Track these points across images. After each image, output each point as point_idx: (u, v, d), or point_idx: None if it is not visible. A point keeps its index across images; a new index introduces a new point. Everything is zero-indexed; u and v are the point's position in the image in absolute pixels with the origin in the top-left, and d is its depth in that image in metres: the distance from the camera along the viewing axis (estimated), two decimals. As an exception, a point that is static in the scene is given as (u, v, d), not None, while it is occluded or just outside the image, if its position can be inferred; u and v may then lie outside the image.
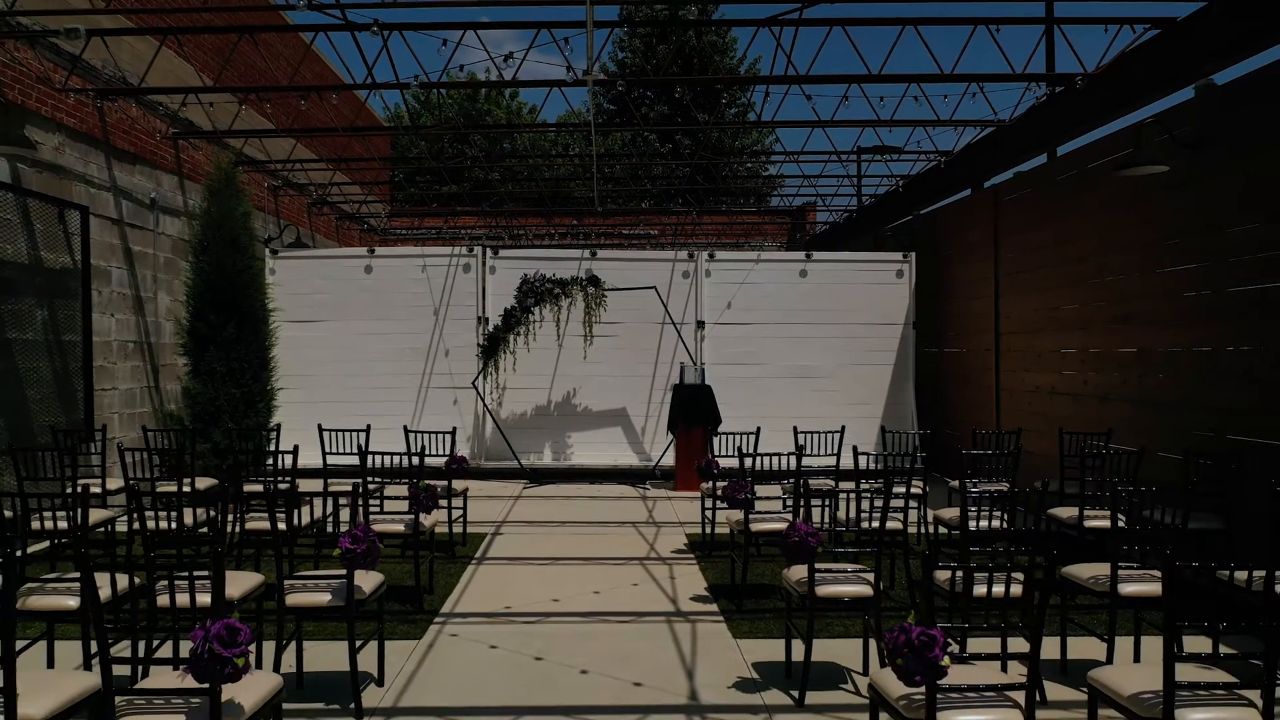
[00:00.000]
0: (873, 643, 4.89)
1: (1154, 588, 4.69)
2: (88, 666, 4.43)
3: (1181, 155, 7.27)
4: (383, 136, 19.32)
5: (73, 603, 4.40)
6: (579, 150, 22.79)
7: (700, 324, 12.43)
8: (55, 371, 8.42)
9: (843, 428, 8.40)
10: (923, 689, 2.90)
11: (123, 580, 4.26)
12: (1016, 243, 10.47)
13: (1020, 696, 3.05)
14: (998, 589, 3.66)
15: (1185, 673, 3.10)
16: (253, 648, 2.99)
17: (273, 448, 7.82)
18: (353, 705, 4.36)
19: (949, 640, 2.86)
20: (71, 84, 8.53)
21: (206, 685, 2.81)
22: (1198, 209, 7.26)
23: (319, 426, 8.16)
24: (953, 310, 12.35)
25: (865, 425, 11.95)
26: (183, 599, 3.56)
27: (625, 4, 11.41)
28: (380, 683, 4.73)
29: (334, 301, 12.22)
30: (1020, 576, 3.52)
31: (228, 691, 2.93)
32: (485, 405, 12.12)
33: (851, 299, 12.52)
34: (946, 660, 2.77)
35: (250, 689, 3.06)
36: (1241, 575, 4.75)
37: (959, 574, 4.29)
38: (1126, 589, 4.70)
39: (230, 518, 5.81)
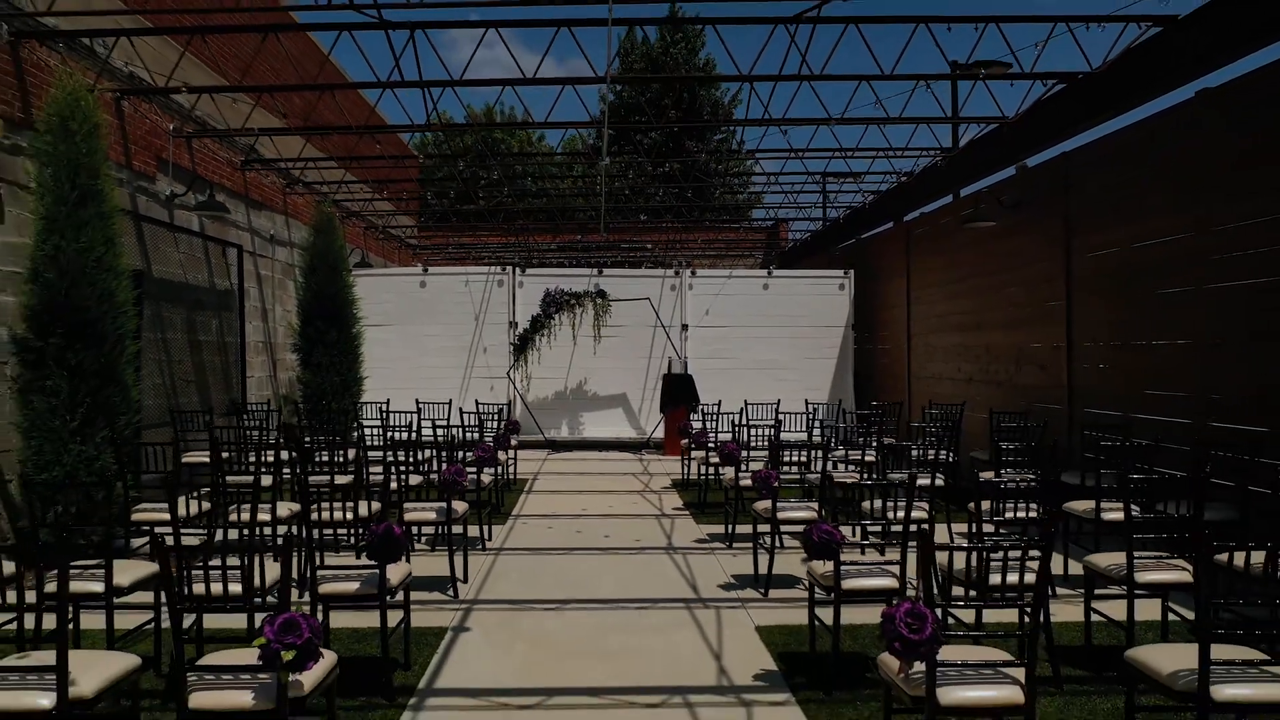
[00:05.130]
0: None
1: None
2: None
3: (1007, 214, 10.68)
4: (417, 165, 22.73)
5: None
6: (583, 173, 26.10)
7: (685, 326, 15.81)
8: (221, 364, 11.81)
9: (778, 401, 11.82)
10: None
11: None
12: (921, 265, 13.90)
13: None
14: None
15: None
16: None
17: (381, 413, 11.20)
18: (480, 546, 7.80)
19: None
20: (238, 161, 11.93)
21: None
22: (1014, 251, 10.71)
23: (416, 400, 11.54)
24: (880, 316, 15.79)
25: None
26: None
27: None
28: (490, 540, 8.15)
29: (397, 310, 15.58)
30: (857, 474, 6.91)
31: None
32: (517, 390, 15.51)
33: (804, 307, 15.91)
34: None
35: (423, 517, 6.47)
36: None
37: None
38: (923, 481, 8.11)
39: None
